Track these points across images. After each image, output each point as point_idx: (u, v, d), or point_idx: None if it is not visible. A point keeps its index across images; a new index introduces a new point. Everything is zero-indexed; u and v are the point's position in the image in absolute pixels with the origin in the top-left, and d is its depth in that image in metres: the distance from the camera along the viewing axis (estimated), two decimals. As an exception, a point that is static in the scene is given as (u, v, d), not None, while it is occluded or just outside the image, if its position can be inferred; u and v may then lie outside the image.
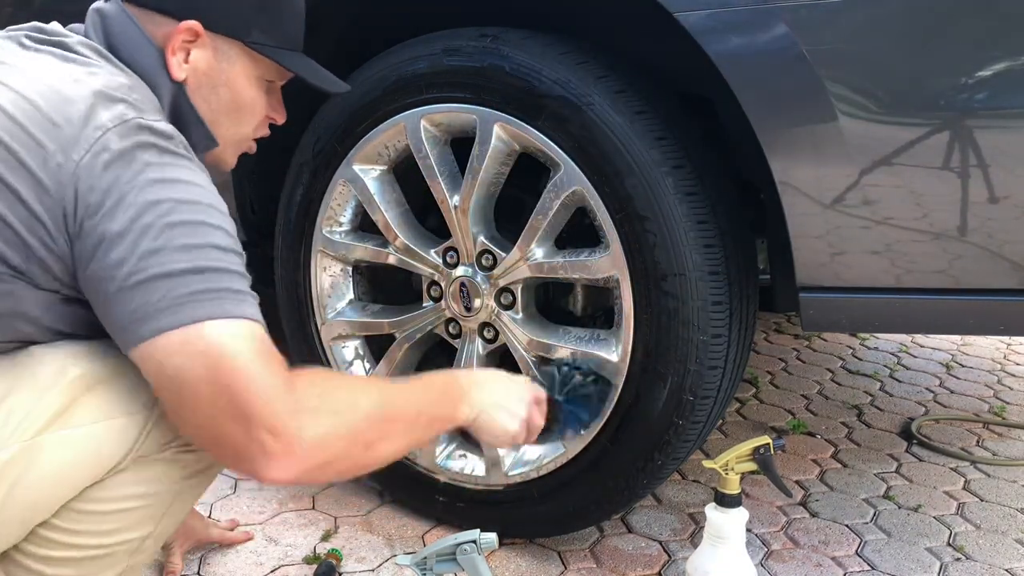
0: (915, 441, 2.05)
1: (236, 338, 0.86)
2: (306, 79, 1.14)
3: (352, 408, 0.93)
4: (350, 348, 1.63)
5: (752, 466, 1.27)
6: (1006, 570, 1.51)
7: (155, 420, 0.96)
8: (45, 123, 0.87)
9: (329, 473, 0.94)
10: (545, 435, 1.29)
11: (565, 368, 1.33)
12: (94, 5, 1.05)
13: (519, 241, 1.38)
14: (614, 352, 1.33)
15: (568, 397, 1.30)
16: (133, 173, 0.87)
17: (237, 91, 1.10)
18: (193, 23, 1.03)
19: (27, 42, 0.97)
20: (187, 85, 1.06)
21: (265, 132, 1.19)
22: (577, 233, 1.45)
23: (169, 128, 0.94)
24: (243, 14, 1.07)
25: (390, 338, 1.57)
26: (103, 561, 0.99)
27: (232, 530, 1.53)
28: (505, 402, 1.13)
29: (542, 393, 1.21)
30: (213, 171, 1.04)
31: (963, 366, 2.68)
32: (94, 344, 0.95)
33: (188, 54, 1.05)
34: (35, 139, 0.86)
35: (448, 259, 1.46)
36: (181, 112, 1.05)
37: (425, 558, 1.20)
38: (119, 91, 0.93)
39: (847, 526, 1.65)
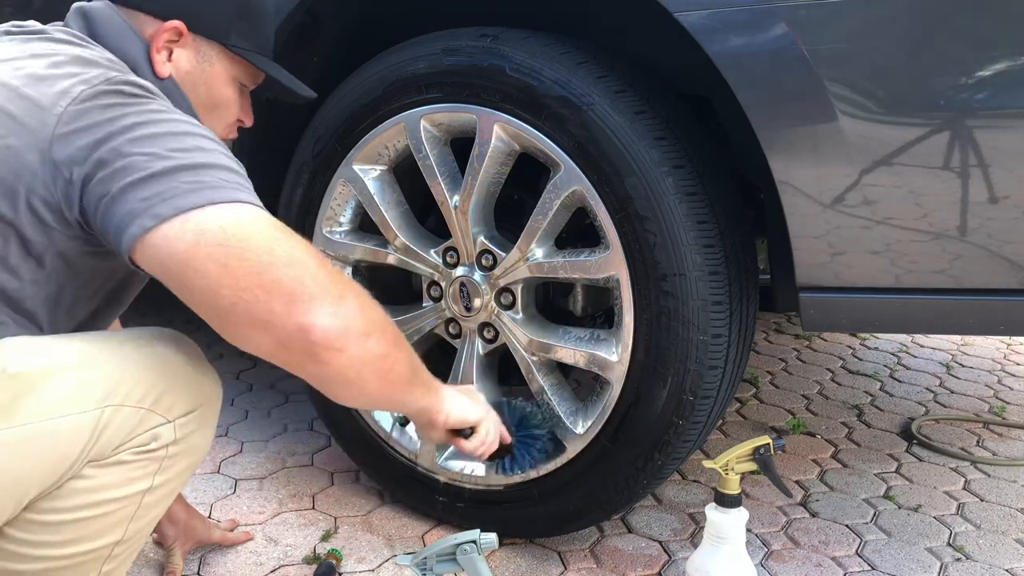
0: (915, 441, 2.05)
1: (248, 219, 0.90)
2: (280, 82, 1.20)
3: (378, 312, 0.99)
4: (350, 348, 1.63)
5: (752, 466, 1.27)
6: (1006, 570, 1.51)
7: (108, 418, 0.92)
8: (35, 88, 0.92)
9: (366, 352, 0.93)
10: (496, 462, 1.38)
11: (522, 406, 1.37)
12: (76, 4, 1.09)
13: (519, 241, 1.38)
14: (614, 352, 1.33)
15: (522, 434, 1.35)
16: (121, 112, 0.92)
17: (215, 91, 1.15)
18: (178, 23, 1.09)
19: (13, 31, 1.03)
20: (175, 80, 1.11)
21: (234, 134, 1.24)
22: (577, 233, 1.46)
23: (151, 85, 0.99)
24: (224, 18, 1.13)
25: (390, 338, 1.56)
26: (71, 572, 0.96)
27: (232, 530, 1.53)
28: (471, 399, 1.20)
29: (497, 417, 1.26)
30: None
31: (963, 366, 2.68)
32: (38, 339, 0.94)
33: (171, 53, 1.10)
34: (28, 99, 0.91)
35: (448, 259, 1.46)
36: (174, 102, 1.07)
37: (425, 558, 1.20)
38: (102, 59, 0.98)
39: (847, 526, 1.65)
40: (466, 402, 1.17)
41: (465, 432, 1.19)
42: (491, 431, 1.22)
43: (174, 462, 0.99)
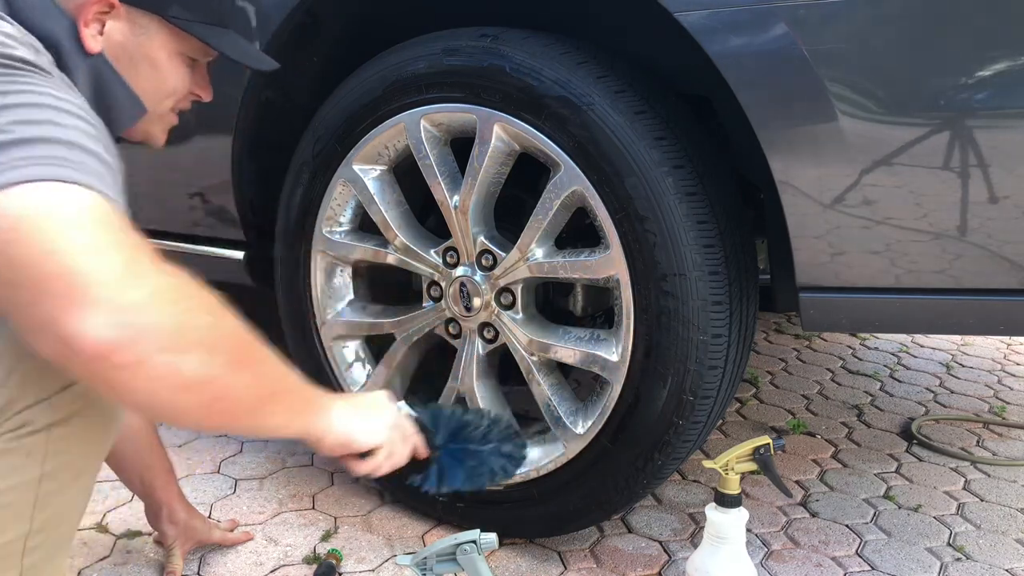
0: (915, 441, 2.05)
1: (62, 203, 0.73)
2: (230, 56, 1.11)
3: (213, 322, 0.79)
4: (350, 348, 1.63)
5: (752, 466, 1.27)
6: (1006, 570, 1.51)
7: None
8: None
9: (172, 374, 0.74)
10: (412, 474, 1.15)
11: (460, 415, 1.18)
12: None
13: (519, 241, 1.38)
14: (614, 352, 1.33)
15: (453, 446, 1.15)
16: None
17: (157, 66, 1.08)
18: None
19: None
20: (106, 57, 1.03)
21: (186, 106, 1.17)
22: (577, 233, 1.46)
23: (33, 56, 0.85)
24: None
25: (390, 338, 1.57)
26: None
27: (232, 530, 1.53)
28: (368, 416, 1.03)
29: (411, 430, 1.10)
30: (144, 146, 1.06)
31: (963, 366, 2.68)
32: None
33: (103, 26, 1.02)
34: None
35: (448, 259, 1.46)
36: (104, 80, 1.02)
37: (425, 558, 1.20)
38: None
39: (847, 526, 1.65)
40: (357, 423, 1.01)
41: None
42: (395, 451, 1.07)
43: (65, 445, 0.87)
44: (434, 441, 1.13)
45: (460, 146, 1.45)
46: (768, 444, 1.26)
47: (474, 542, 1.18)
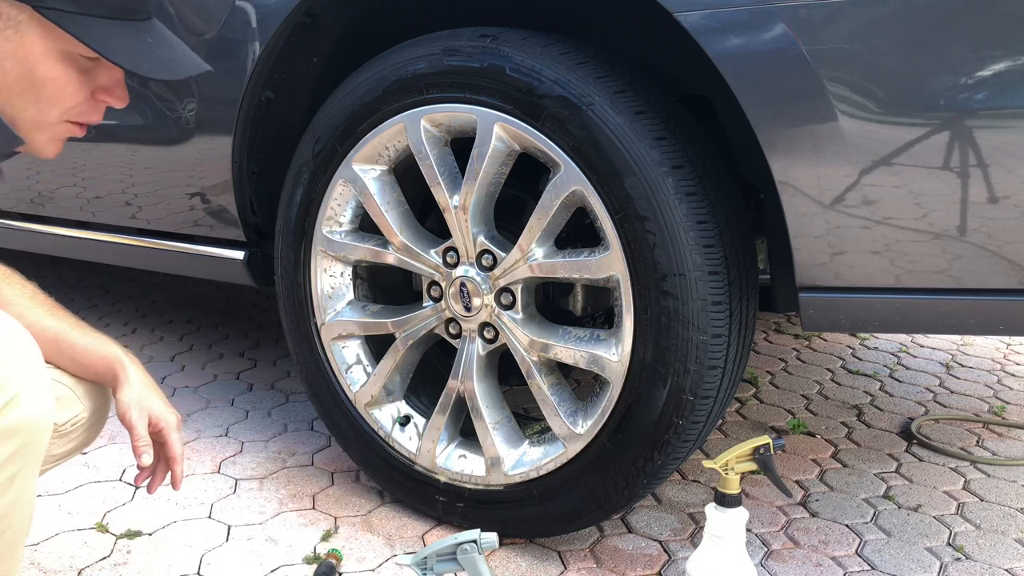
0: (915, 441, 2.05)
1: None
2: (112, 60, 0.90)
3: None
4: (350, 348, 1.63)
5: (752, 466, 1.27)
6: (1006, 570, 1.51)
7: None
8: None
9: None
10: None
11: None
12: None
13: (519, 241, 1.38)
14: (614, 352, 1.33)
15: None
16: None
17: (30, 67, 0.89)
18: None
19: None
20: None
21: (93, 117, 0.98)
22: (577, 233, 1.46)
23: None
24: None
25: (390, 338, 1.57)
26: None
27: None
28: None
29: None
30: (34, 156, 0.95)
31: (963, 366, 2.68)
32: None
33: None
34: None
35: (448, 259, 1.46)
36: None
37: (425, 558, 1.21)
38: None
39: (847, 526, 1.65)
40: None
41: None
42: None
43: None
44: None
45: (460, 146, 1.45)
46: (768, 444, 1.26)
47: (474, 542, 1.19)
